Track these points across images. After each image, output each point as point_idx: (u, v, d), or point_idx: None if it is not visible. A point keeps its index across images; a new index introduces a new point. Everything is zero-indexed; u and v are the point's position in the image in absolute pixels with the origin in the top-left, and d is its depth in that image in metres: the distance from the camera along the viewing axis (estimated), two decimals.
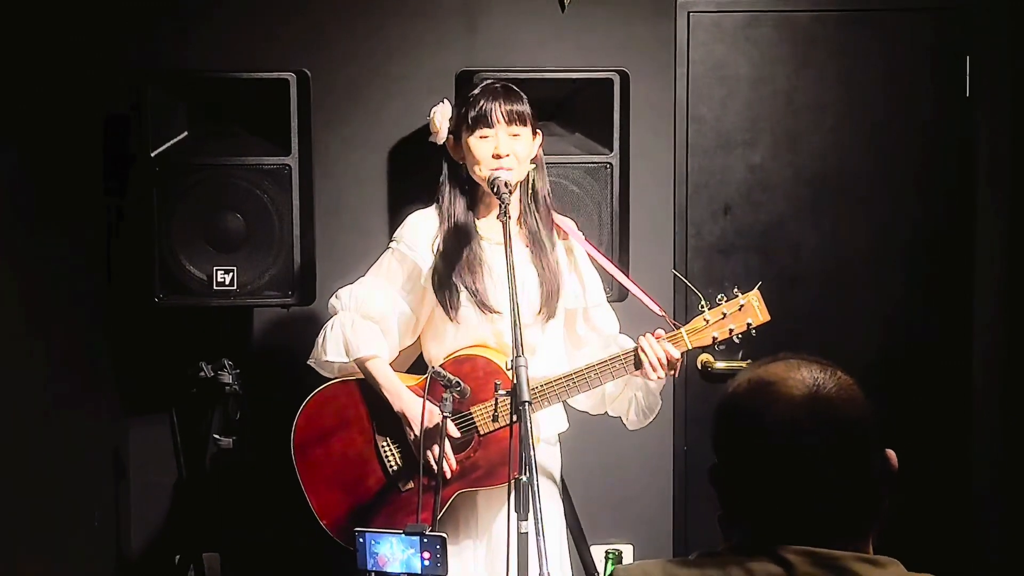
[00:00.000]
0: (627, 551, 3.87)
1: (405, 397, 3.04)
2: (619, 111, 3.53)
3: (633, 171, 3.61)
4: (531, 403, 2.50)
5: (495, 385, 2.73)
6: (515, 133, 2.99)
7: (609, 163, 3.54)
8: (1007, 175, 3.93)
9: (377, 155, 3.84)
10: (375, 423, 3.11)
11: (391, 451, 3.10)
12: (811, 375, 1.51)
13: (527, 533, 2.49)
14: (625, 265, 3.49)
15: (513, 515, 2.51)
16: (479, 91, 3.04)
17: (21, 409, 3.12)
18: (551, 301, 3.07)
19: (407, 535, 2.56)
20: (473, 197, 3.11)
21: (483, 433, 3.03)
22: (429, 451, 2.97)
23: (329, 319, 3.13)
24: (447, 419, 2.89)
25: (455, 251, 3.05)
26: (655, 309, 3.07)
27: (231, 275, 3.44)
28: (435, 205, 3.13)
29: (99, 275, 3.72)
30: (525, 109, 3.02)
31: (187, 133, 3.51)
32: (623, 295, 3.38)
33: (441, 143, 3.13)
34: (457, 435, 3.01)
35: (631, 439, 3.77)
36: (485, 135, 2.99)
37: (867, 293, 4.00)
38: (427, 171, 3.22)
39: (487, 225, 3.11)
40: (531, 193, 3.10)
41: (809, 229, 3.97)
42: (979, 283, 3.97)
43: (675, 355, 2.97)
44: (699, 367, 3.95)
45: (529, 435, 2.45)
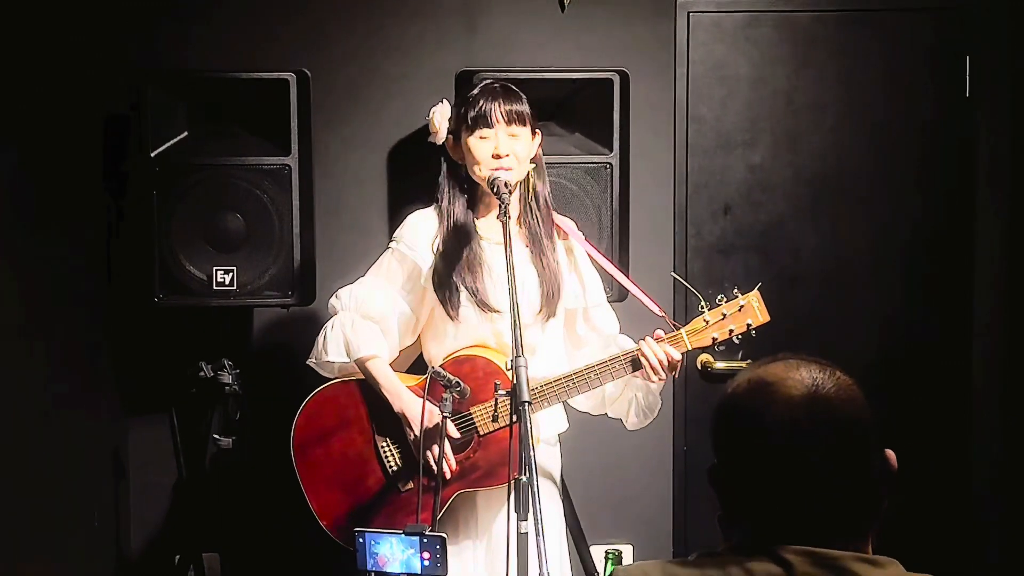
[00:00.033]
0: (627, 551, 3.87)
1: (405, 397, 3.04)
2: (619, 111, 3.53)
3: (633, 171, 3.61)
4: (531, 403, 2.50)
5: (495, 385, 2.72)
6: (514, 133, 2.99)
7: (609, 163, 3.54)
8: (1007, 175, 3.93)
9: (377, 155, 3.83)
10: (375, 423, 3.11)
11: (391, 451, 3.10)
12: (810, 375, 1.51)
13: (527, 533, 2.49)
14: (625, 265, 3.49)
15: (513, 515, 2.51)
16: (478, 91, 3.04)
17: (21, 409, 3.12)
18: (551, 301, 3.07)
19: (407, 535, 2.56)
20: (472, 197, 3.11)
21: (483, 433, 3.03)
22: (429, 451, 2.97)
23: (329, 319, 3.13)
24: (447, 419, 2.89)
25: (455, 251, 3.05)
26: (655, 309, 3.07)
27: (231, 275, 3.44)
28: (434, 205, 3.13)
29: (99, 275, 3.72)
30: (524, 109, 3.02)
31: (187, 133, 3.51)
32: (623, 295, 3.37)
33: (440, 143, 3.13)
34: (457, 435, 3.01)
35: (631, 439, 3.77)
36: (485, 135, 2.99)
37: (867, 293, 4.00)
38: (427, 171, 3.22)
39: (487, 225, 3.11)
40: (531, 193, 3.10)
41: (809, 229, 3.96)
42: (979, 283, 3.97)
43: (676, 357, 2.97)
44: (699, 367, 3.95)
45: (529, 435, 2.45)
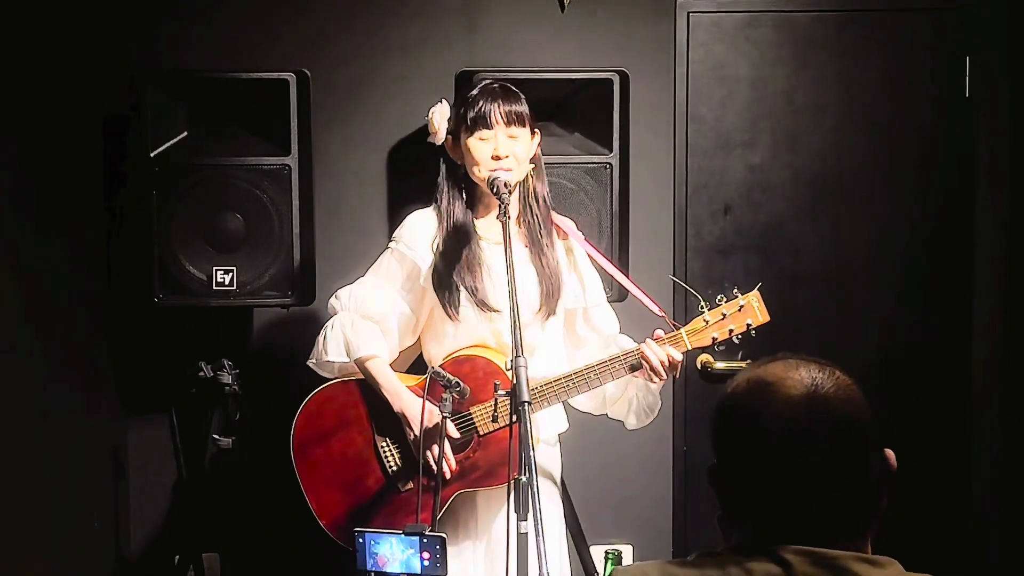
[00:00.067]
0: (627, 551, 3.87)
1: (405, 397, 3.04)
2: (619, 111, 3.53)
3: (633, 171, 3.61)
4: (530, 403, 2.50)
5: (495, 385, 2.72)
6: (514, 135, 2.99)
7: (609, 163, 3.54)
8: (1007, 175, 3.93)
9: (377, 155, 3.83)
10: (375, 423, 3.11)
11: (391, 451, 3.10)
12: (809, 375, 1.51)
13: (527, 533, 2.49)
14: (625, 265, 3.49)
15: (513, 515, 2.51)
16: (477, 92, 3.03)
17: (21, 409, 3.12)
18: (550, 299, 3.07)
19: (406, 535, 2.56)
20: (472, 197, 3.11)
21: (483, 433, 3.03)
22: (429, 451, 2.97)
23: (329, 319, 3.13)
24: (446, 419, 2.89)
25: (454, 251, 3.05)
26: (654, 309, 3.07)
27: (231, 275, 3.44)
28: (434, 205, 3.13)
29: (99, 275, 3.72)
30: (524, 109, 3.02)
31: (187, 133, 3.51)
32: (623, 295, 3.37)
33: (440, 144, 3.13)
34: (457, 435, 3.01)
35: (631, 440, 3.77)
36: (484, 137, 2.99)
37: (867, 293, 4.00)
38: (427, 171, 3.22)
39: (486, 225, 3.11)
40: (530, 192, 3.10)
41: (809, 229, 3.96)
42: (979, 283, 3.97)
43: (677, 358, 2.97)
44: (699, 367, 3.95)
45: (529, 435, 2.45)
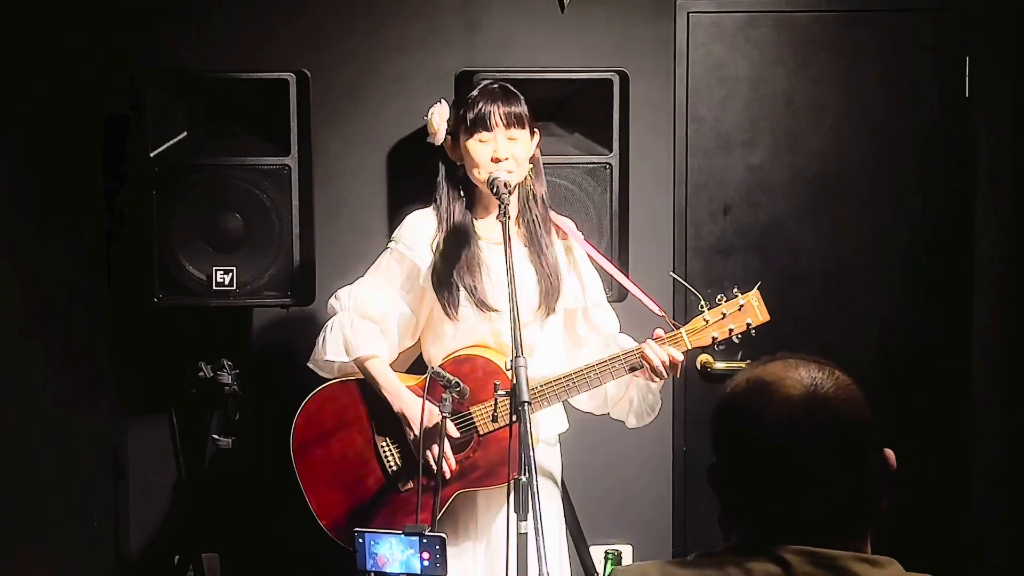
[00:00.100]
0: (626, 552, 3.87)
1: (405, 397, 3.04)
2: (619, 111, 3.53)
3: (633, 171, 3.61)
4: (530, 403, 2.50)
5: (494, 385, 2.72)
6: (513, 137, 2.99)
7: (609, 163, 3.54)
8: (1007, 175, 3.93)
9: (377, 155, 3.83)
10: (374, 423, 3.11)
11: (390, 451, 3.10)
12: (809, 375, 1.51)
13: (526, 534, 2.48)
14: (624, 265, 3.49)
15: (512, 516, 2.51)
16: (477, 93, 3.03)
17: (21, 409, 3.12)
18: (549, 298, 3.07)
19: (406, 535, 2.56)
20: (471, 197, 3.11)
21: (483, 433, 3.03)
22: (428, 451, 2.97)
23: (328, 319, 3.13)
24: (446, 419, 2.88)
25: (454, 251, 3.05)
26: (654, 309, 3.07)
27: (230, 275, 3.44)
28: (433, 205, 3.13)
29: (99, 275, 3.72)
30: (523, 111, 3.02)
31: (187, 133, 3.51)
32: (623, 295, 3.37)
33: (439, 144, 3.13)
34: (457, 435, 3.01)
35: (631, 440, 3.77)
36: (484, 139, 2.98)
37: (867, 293, 4.00)
38: (426, 171, 3.22)
39: (485, 225, 3.11)
40: (528, 192, 3.09)
41: (809, 229, 3.96)
42: (978, 283, 3.97)
43: (679, 358, 2.97)
44: (698, 368, 3.94)
45: (528, 435, 2.45)
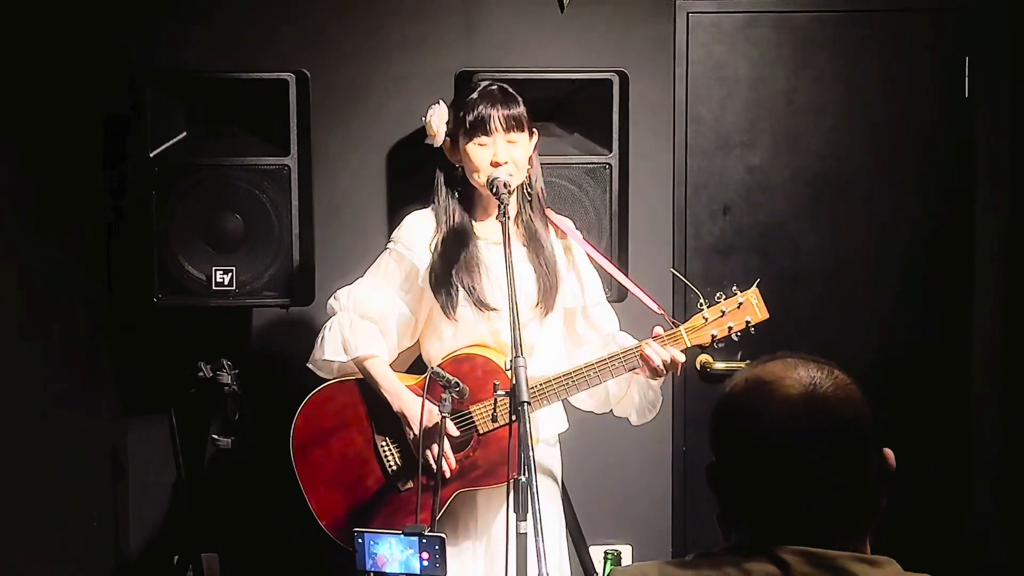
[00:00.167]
0: (626, 552, 3.86)
1: (404, 397, 3.04)
2: (618, 112, 3.53)
3: (632, 171, 3.61)
4: (530, 403, 2.50)
5: (494, 385, 2.72)
6: (513, 140, 2.98)
7: (608, 163, 3.54)
8: (1007, 175, 3.93)
9: (376, 155, 3.83)
10: (374, 423, 3.11)
11: (390, 451, 3.10)
12: (808, 374, 1.51)
13: (526, 534, 2.48)
14: (624, 265, 3.49)
15: (512, 515, 2.51)
16: (476, 96, 3.02)
17: (21, 409, 3.12)
18: (548, 296, 3.07)
19: (406, 535, 2.56)
20: (469, 198, 3.10)
21: (482, 432, 3.03)
22: (428, 451, 2.97)
23: (328, 320, 3.13)
24: (446, 419, 2.88)
25: (453, 251, 3.05)
26: (653, 307, 3.07)
27: (230, 275, 3.44)
28: (431, 206, 3.13)
29: (99, 275, 3.72)
30: (522, 113, 3.01)
31: (186, 133, 3.52)
32: (622, 295, 3.37)
33: (438, 146, 3.12)
34: (456, 434, 3.01)
35: (630, 440, 3.77)
36: (483, 142, 2.98)
37: (867, 293, 4.00)
38: (426, 171, 3.22)
39: (484, 225, 3.10)
40: (526, 191, 3.09)
41: (809, 229, 3.96)
42: (978, 283, 3.97)
43: (680, 359, 2.97)
44: (698, 367, 3.94)
45: (528, 435, 2.45)
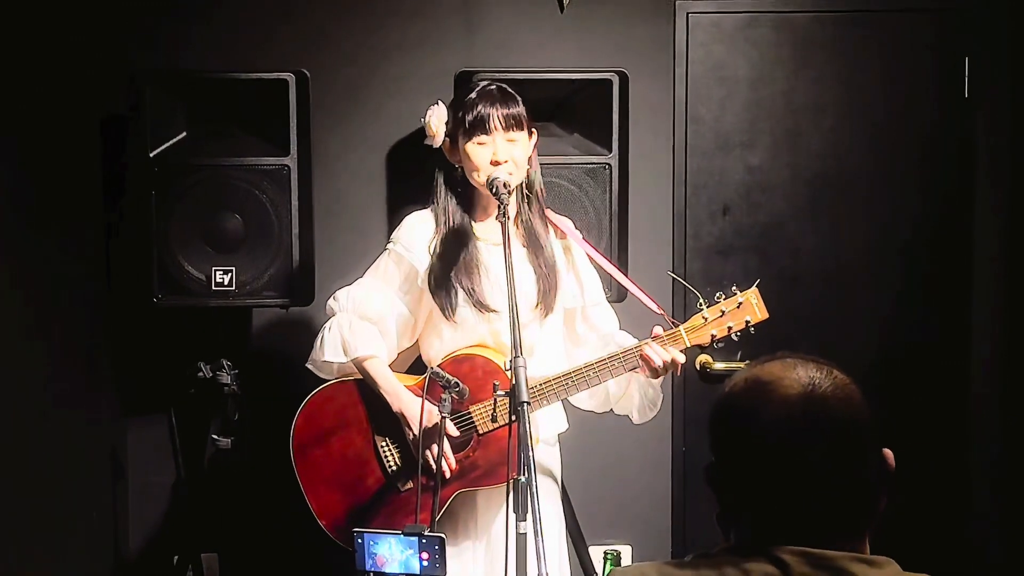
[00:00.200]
0: (625, 552, 3.87)
1: (404, 397, 3.04)
2: (618, 112, 3.53)
3: (632, 172, 3.61)
4: (529, 404, 2.50)
5: (494, 385, 2.72)
6: (512, 139, 2.98)
7: (608, 164, 3.54)
8: (1006, 175, 3.93)
9: (376, 155, 3.83)
10: (374, 423, 3.11)
11: (390, 451, 3.10)
12: (807, 374, 1.51)
13: (526, 534, 2.48)
14: (624, 266, 3.49)
15: (512, 516, 2.51)
16: (475, 95, 3.02)
17: (21, 409, 3.12)
18: (548, 297, 3.07)
19: (406, 535, 2.56)
20: (469, 199, 3.10)
21: (482, 433, 3.03)
22: (428, 451, 2.97)
23: (327, 320, 3.13)
24: (445, 419, 2.88)
25: (452, 252, 3.05)
26: (653, 307, 3.07)
27: (230, 275, 3.44)
28: (431, 207, 3.13)
29: (98, 276, 3.72)
30: (521, 112, 3.01)
31: (186, 134, 3.52)
32: (622, 295, 3.37)
33: (437, 147, 3.12)
34: (456, 434, 3.01)
35: (630, 440, 3.77)
36: (483, 141, 2.98)
37: (866, 293, 4.00)
38: (426, 171, 3.21)
39: (483, 226, 3.10)
40: (526, 191, 3.09)
41: (809, 229, 3.96)
42: (978, 283, 3.97)
43: (680, 359, 2.97)
44: (698, 368, 3.94)
45: (528, 435, 2.45)
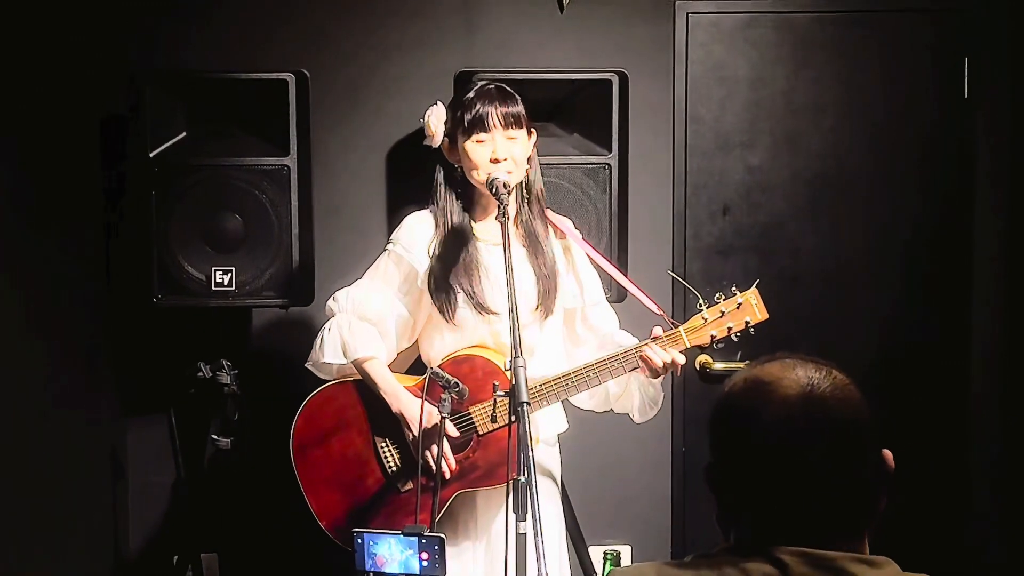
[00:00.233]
0: (625, 552, 3.87)
1: (403, 398, 3.04)
2: (618, 112, 3.53)
3: (632, 172, 3.61)
4: (529, 404, 2.50)
5: (494, 386, 2.72)
6: (512, 136, 2.98)
7: (608, 164, 3.54)
8: (1007, 175, 3.93)
9: (376, 155, 3.83)
10: (374, 424, 3.11)
11: (390, 452, 3.10)
12: (806, 375, 1.51)
13: (526, 534, 2.48)
14: (624, 266, 3.49)
15: (512, 516, 2.51)
16: (474, 94, 3.02)
17: (21, 409, 3.13)
18: (548, 298, 3.07)
19: (405, 536, 2.56)
20: (468, 199, 3.10)
21: (482, 433, 3.03)
22: (428, 451, 2.97)
23: (327, 321, 3.13)
24: (445, 419, 2.88)
25: (452, 254, 3.05)
26: (653, 308, 3.06)
27: (229, 275, 3.44)
28: (430, 207, 3.13)
29: (98, 275, 3.72)
30: (520, 111, 3.01)
31: (186, 134, 3.52)
32: (622, 296, 3.37)
33: (436, 147, 3.12)
34: (456, 435, 3.01)
35: (630, 440, 3.77)
36: (482, 139, 2.98)
37: (866, 293, 4.00)
38: (426, 171, 3.21)
39: (483, 226, 3.10)
40: (525, 191, 3.09)
41: (808, 229, 3.96)
42: (978, 283, 3.97)
43: (680, 361, 2.97)
44: (698, 368, 3.94)
45: (528, 436, 2.45)
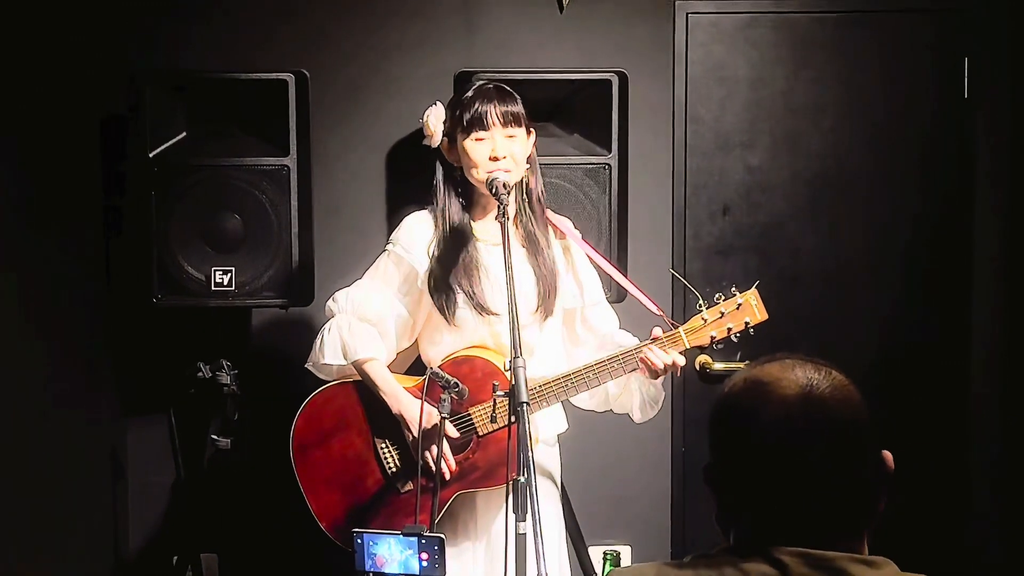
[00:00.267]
0: (625, 552, 3.86)
1: (403, 399, 3.04)
2: (618, 112, 3.53)
3: (632, 172, 3.61)
4: (529, 404, 2.50)
5: (493, 386, 2.72)
6: (511, 135, 2.98)
7: (608, 164, 3.54)
8: (1006, 175, 3.93)
9: (376, 155, 3.83)
10: (373, 425, 3.11)
11: (390, 452, 3.10)
12: (805, 375, 1.51)
13: (525, 534, 2.48)
14: (623, 266, 3.49)
15: (511, 516, 2.51)
16: (472, 93, 3.02)
17: (21, 409, 3.13)
18: (548, 299, 3.07)
19: (405, 536, 2.56)
20: (468, 199, 3.10)
21: (482, 434, 3.03)
22: (427, 452, 2.97)
23: (326, 321, 3.13)
24: (445, 420, 2.88)
25: (451, 254, 3.05)
26: (652, 308, 3.06)
27: (229, 275, 3.44)
28: (430, 208, 3.13)
29: (98, 275, 3.72)
30: (519, 109, 3.01)
31: (186, 134, 3.52)
32: (622, 296, 3.37)
33: (435, 146, 3.12)
34: (456, 435, 3.01)
35: (630, 440, 3.77)
36: (481, 138, 2.98)
37: (866, 293, 4.00)
38: (426, 171, 3.21)
39: (483, 226, 3.10)
40: (525, 192, 3.09)
41: (808, 229, 3.96)
42: (978, 283, 3.97)
43: (680, 361, 2.97)
44: (697, 368, 3.94)
45: (527, 436, 2.45)
